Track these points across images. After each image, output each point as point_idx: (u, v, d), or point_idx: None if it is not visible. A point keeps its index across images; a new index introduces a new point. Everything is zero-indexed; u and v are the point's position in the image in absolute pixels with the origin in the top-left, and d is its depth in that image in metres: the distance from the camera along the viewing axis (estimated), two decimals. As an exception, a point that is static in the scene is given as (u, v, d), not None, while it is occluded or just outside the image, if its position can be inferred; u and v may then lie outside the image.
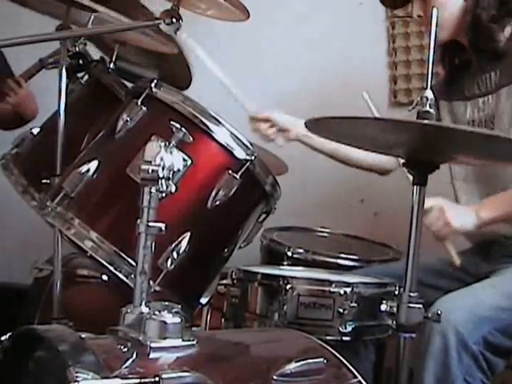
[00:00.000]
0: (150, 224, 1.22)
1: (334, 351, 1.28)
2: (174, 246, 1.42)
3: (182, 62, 2.01)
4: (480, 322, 1.53)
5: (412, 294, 1.32)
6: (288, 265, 2.05)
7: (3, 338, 1.18)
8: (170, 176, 1.24)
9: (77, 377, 1.00)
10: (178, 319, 1.18)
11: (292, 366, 1.18)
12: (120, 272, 1.43)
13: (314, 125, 1.38)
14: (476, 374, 1.51)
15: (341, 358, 1.27)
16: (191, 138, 1.42)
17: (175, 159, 1.26)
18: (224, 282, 1.59)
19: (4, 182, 1.96)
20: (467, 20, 1.81)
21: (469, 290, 1.63)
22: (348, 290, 1.47)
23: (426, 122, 1.26)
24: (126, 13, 1.69)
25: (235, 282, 1.58)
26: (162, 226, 1.23)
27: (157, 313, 1.18)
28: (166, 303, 1.22)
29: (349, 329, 1.46)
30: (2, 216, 2.99)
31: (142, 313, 1.20)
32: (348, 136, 1.43)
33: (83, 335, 1.14)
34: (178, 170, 1.36)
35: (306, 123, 1.35)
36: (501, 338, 1.55)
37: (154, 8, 1.64)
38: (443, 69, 2.01)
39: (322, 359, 1.23)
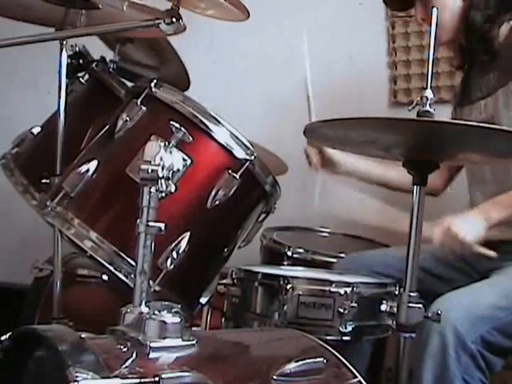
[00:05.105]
0: (150, 224, 1.23)
1: (333, 351, 1.28)
2: (173, 245, 1.42)
3: (180, 67, 2.00)
4: (478, 321, 1.53)
5: (412, 294, 1.32)
6: (288, 265, 2.05)
7: (3, 337, 1.18)
8: (170, 176, 1.24)
9: (77, 377, 1.00)
10: (177, 319, 1.18)
11: (292, 366, 1.18)
12: (120, 272, 1.44)
13: (310, 131, 1.38)
14: (474, 373, 1.51)
15: (341, 357, 1.27)
16: (191, 138, 1.42)
17: (175, 159, 1.27)
18: (224, 281, 1.59)
19: (4, 182, 1.96)
20: (463, 21, 1.82)
21: (467, 289, 1.63)
22: (348, 289, 1.47)
23: (421, 118, 1.26)
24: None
25: (235, 281, 1.57)
26: (162, 225, 1.23)
27: (156, 312, 1.18)
28: (166, 303, 1.22)
29: (349, 329, 1.46)
30: (2, 216, 2.99)
31: (142, 313, 1.20)
32: (345, 140, 1.42)
33: (83, 335, 1.13)
34: (178, 170, 1.37)
35: (304, 132, 1.34)
36: (499, 338, 1.56)
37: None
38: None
39: (321, 359, 1.23)
